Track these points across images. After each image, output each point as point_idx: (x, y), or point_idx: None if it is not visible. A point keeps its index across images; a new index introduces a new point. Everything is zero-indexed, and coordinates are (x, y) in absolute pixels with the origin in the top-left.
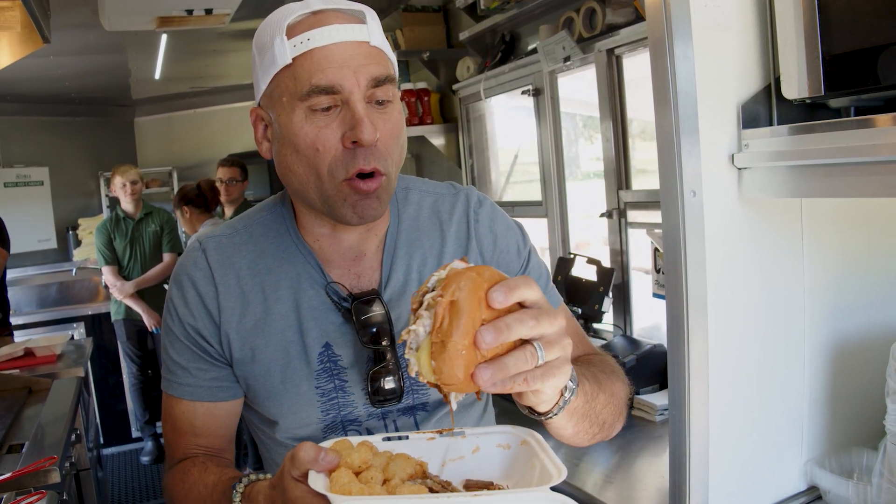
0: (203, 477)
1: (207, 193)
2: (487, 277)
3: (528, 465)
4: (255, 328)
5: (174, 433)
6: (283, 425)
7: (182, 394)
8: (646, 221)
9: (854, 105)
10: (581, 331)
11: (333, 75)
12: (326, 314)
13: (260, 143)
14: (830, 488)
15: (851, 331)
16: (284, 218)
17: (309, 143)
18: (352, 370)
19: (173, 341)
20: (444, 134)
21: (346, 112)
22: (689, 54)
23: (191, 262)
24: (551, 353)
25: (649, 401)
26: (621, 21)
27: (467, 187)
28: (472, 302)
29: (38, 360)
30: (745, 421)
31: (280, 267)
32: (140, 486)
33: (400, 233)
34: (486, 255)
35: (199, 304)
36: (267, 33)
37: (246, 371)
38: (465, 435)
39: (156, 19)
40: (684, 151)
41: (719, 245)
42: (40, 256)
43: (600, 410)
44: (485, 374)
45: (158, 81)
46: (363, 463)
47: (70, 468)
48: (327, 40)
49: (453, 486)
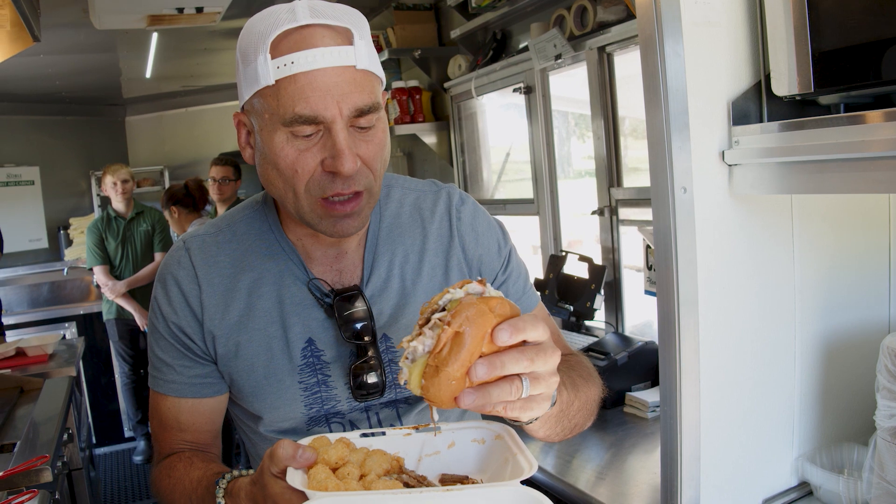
0: (188, 472)
1: (195, 193)
2: (498, 313)
3: (502, 459)
4: (239, 324)
5: (161, 429)
6: (268, 419)
7: (167, 390)
8: (637, 219)
9: (843, 102)
10: (558, 331)
11: (316, 105)
12: (309, 310)
13: (243, 148)
14: (821, 484)
15: (842, 327)
16: (267, 216)
17: (289, 164)
18: (334, 365)
19: (158, 339)
20: (435, 132)
21: (327, 139)
22: (680, 51)
23: (174, 262)
24: (536, 388)
25: (641, 398)
26: (612, 19)
27: (448, 185)
28: (476, 338)
29: (29, 359)
30: (736, 417)
31: (263, 264)
32: (132, 485)
33: (381, 230)
34: (469, 253)
35: (183, 303)
36: (251, 44)
37: (230, 367)
38: (441, 430)
39: (146, 18)
40: (675, 148)
41: (710, 242)
42: (31, 256)
43: (574, 415)
44: (468, 398)
45: (149, 80)
46: (340, 459)
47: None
48: (311, 65)
49: (429, 481)
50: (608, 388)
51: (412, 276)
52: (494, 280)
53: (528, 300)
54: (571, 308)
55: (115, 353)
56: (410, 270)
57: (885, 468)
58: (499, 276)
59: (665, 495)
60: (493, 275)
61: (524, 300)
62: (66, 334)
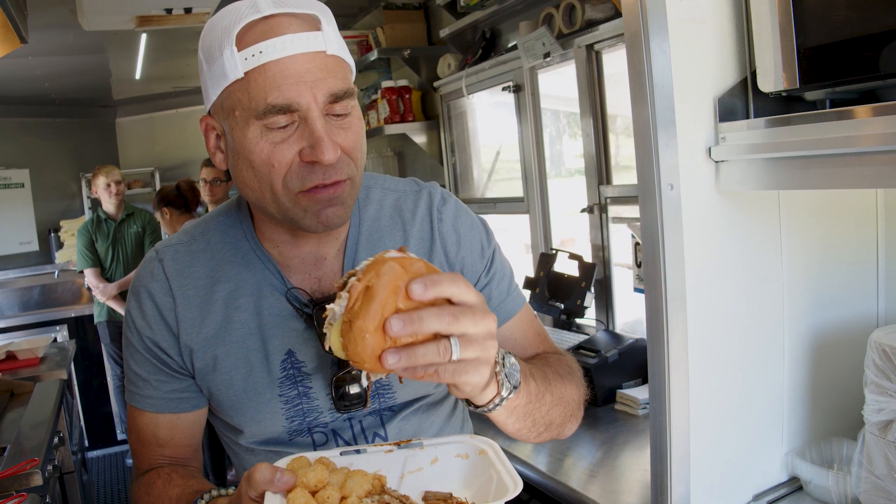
0: (166, 490)
1: (187, 194)
2: (414, 270)
3: (486, 476)
4: (216, 337)
5: (139, 444)
6: (248, 433)
7: (144, 405)
8: (627, 216)
9: (829, 98)
10: (542, 329)
11: (290, 93)
12: (288, 321)
13: (213, 153)
14: (811, 479)
15: (830, 322)
16: (241, 223)
17: (264, 159)
18: (315, 376)
19: (133, 353)
20: (425, 131)
21: (304, 128)
22: (666, 48)
23: (147, 273)
24: (468, 351)
25: (632, 395)
26: (600, 17)
27: (430, 184)
28: (386, 290)
29: (20, 363)
30: (725, 413)
31: (239, 274)
32: (126, 488)
33: (361, 234)
34: (451, 255)
35: (158, 317)
36: (215, 40)
37: (208, 381)
38: (423, 446)
39: (135, 18)
40: (661, 145)
41: (697, 238)
42: (22, 259)
43: (546, 412)
44: (391, 358)
45: (139, 81)
46: (319, 482)
47: (53, 471)
48: (280, 53)
49: (411, 501)
50: (599, 385)
51: None
52: (478, 282)
53: (512, 302)
54: (562, 306)
55: (107, 356)
56: None
57: (874, 462)
58: (482, 279)
59: (655, 492)
60: (476, 276)
61: (508, 302)
62: (57, 337)
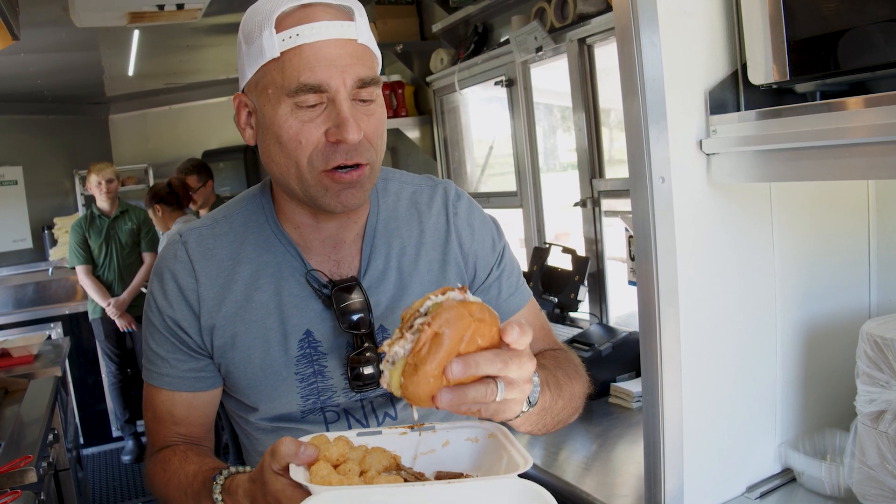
0: (183, 466)
1: (179, 191)
2: (477, 317)
3: (496, 456)
4: (237, 316)
5: (155, 422)
6: (263, 410)
7: (162, 384)
8: (620, 210)
9: (819, 90)
10: (546, 323)
11: (322, 74)
12: (307, 301)
13: (243, 129)
14: (804, 469)
15: (822, 314)
16: (264, 208)
17: (292, 135)
18: (331, 356)
19: (153, 332)
20: (418, 126)
21: (331, 110)
22: (656, 41)
23: (171, 255)
24: (510, 393)
25: (626, 388)
26: (592, 10)
27: (445, 181)
28: (453, 339)
29: (14, 360)
30: (718, 405)
31: (260, 256)
32: (121, 485)
33: (379, 222)
34: (465, 247)
35: (179, 297)
36: (255, 22)
37: (226, 358)
38: (436, 430)
39: (127, 15)
40: (652, 138)
41: (689, 231)
42: (15, 256)
43: (557, 413)
44: (445, 398)
45: (132, 78)
46: (341, 456)
47: (48, 468)
48: (316, 37)
49: (426, 478)
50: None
51: (409, 269)
52: (489, 275)
53: (520, 295)
54: (556, 300)
55: (102, 353)
56: (407, 263)
57: (866, 453)
58: (493, 271)
59: (649, 484)
60: (487, 269)
61: (517, 295)
62: (51, 334)
